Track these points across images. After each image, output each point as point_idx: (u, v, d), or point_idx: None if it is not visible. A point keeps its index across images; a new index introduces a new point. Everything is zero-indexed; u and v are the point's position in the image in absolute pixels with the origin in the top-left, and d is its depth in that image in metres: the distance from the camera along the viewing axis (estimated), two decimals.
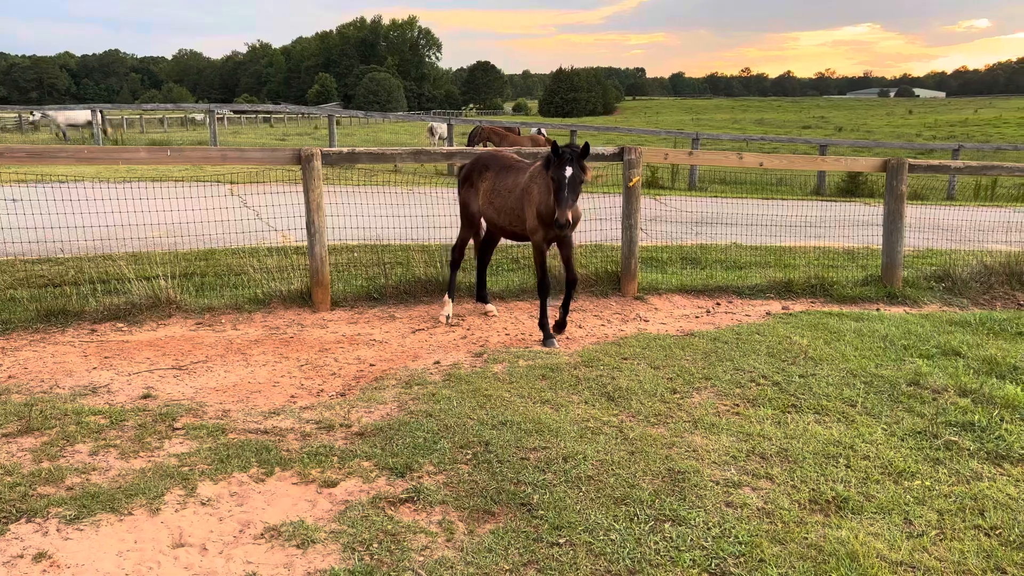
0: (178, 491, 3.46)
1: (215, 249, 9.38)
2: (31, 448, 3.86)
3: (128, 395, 4.77)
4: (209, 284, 7.83)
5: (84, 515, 3.22)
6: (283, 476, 3.66)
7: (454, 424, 4.25)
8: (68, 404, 4.47)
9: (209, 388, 4.97)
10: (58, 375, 5.11)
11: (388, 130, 52.74)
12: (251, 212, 11.87)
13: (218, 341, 6.01)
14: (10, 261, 8.09)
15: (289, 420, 4.37)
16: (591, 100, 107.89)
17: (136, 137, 35.08)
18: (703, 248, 9.92)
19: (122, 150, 6.84)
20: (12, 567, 2.87)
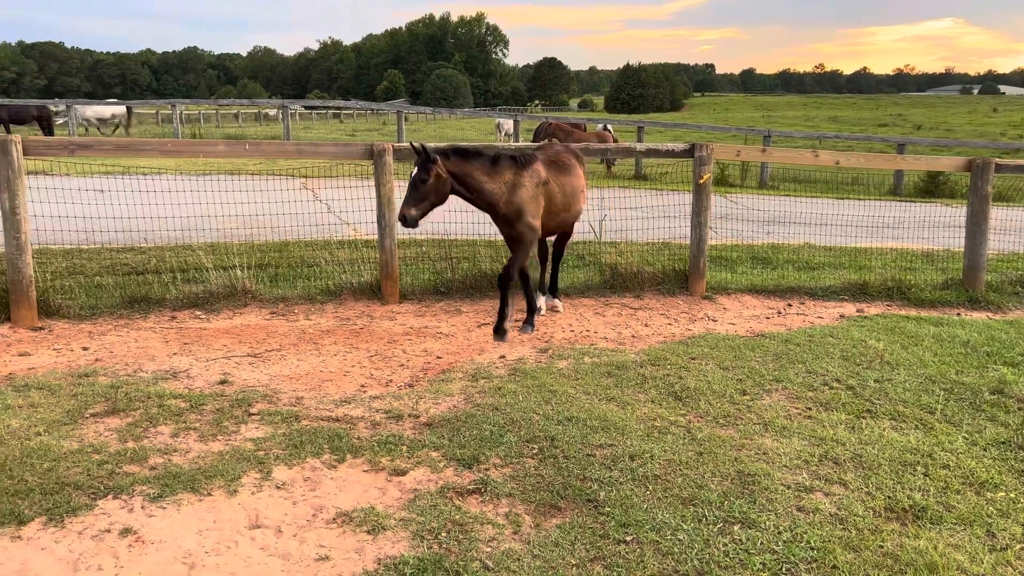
0: (254, 474, 3.58)
1: (288, 241, 9.62)
2: (117, 428, 4.04)
3: (206, 380, 4.94)
4: (283, 275, 8.04)
5: (166, 494, 3.35)
6: (354, 463, 3.74)
7: (520, 418, 4.27)
8: (151, 387, 4.66)
9: (283, 376, 5.10)
10: (141, 359, 5.32)
11: (454, 126, 53.18)
12: (323, 206, 12.14)
13: (291, 330, 6.17)
14: (97, 249, 8.46)
15: (359, 409, 4.46)
16: (658, 96, 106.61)
17: (212, 131, 36.24)
18: (774, 248, 9.71)
19: (202, 143, 7.07)
20: (100, 541, 3.01)
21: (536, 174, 6.16)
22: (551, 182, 6.23)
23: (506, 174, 6.05)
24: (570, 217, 6.52)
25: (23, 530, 3.04)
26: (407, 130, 25.25)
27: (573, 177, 6.45)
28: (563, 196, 6.30)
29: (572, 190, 6.39)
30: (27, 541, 2.98)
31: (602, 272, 7.81)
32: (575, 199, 6.45)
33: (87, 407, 4.28)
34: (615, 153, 8.11)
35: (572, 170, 6.48)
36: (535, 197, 6.12)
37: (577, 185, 6.47)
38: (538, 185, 6.14)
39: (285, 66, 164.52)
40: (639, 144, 8.34)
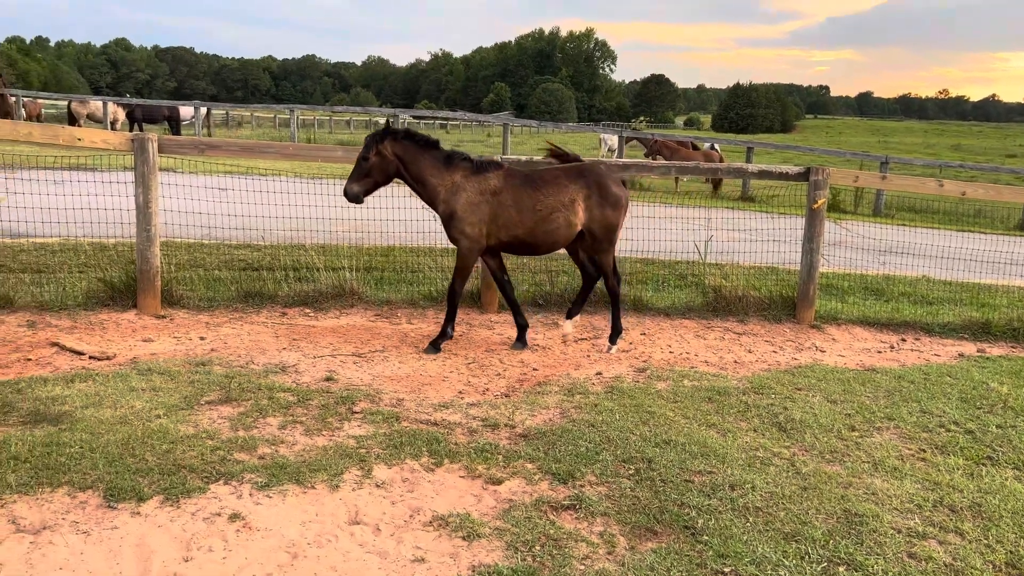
0: (355, 471, 3.67)
1: (394, 247, 9.87)
2: (229, 417, 4.23)
3: (313, 376, 5.11)
4: (388, 279, 8.25)
5: (273, 483, 3.48)
6: (451, 468, 3.79)
7: (616, 437, 4.23)
8: (261, 380, 4.86)
9: (385, 376, 5.23)
10: (253, 352, 5.56)
11: (557, 140, 53.09)
12: (428, 213, 12.41)
13: (394, 333, 6.32)
14: (217, 244, 8.91)
15: (457, 415, 4.52)
16: (768, 117, 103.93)
17: (325, 137, 37.65)
18: (888, 279, 9.28)
19: (320, 148, 7.37)
20: (211, 523, 3.16)
21: (486, 182, 5.85)
22: (505, 193, 5.82)
23: (455, 175, 5.85)
24: (540, 237, 5.92)
25: (142, 507, 3.22)
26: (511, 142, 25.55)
27: (548, 196, 5.86)
28: (518, 211, 5.81)
29: (543, 209, 5.83)
30: (145, 518, 3.16)
31: (705, 294, 7.65)
32: (547, 220, 5.84)
33: (203, 394, 4.50)
34: (725, 173, 7.95)
35: (553, 191, 5.89)
36: (477, 205, 5.80)
37: (552, 205, 5.85)
38: (484, 193, 5.82)
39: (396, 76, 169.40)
40: (751, 165, 8.15)
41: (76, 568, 2.82)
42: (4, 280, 6.68)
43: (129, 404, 4.23)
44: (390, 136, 5.82)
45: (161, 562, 2.88)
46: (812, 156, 25.31)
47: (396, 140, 5.82)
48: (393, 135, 5.83)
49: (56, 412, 4.05)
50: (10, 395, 4.24)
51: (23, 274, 7.14)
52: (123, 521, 3.12)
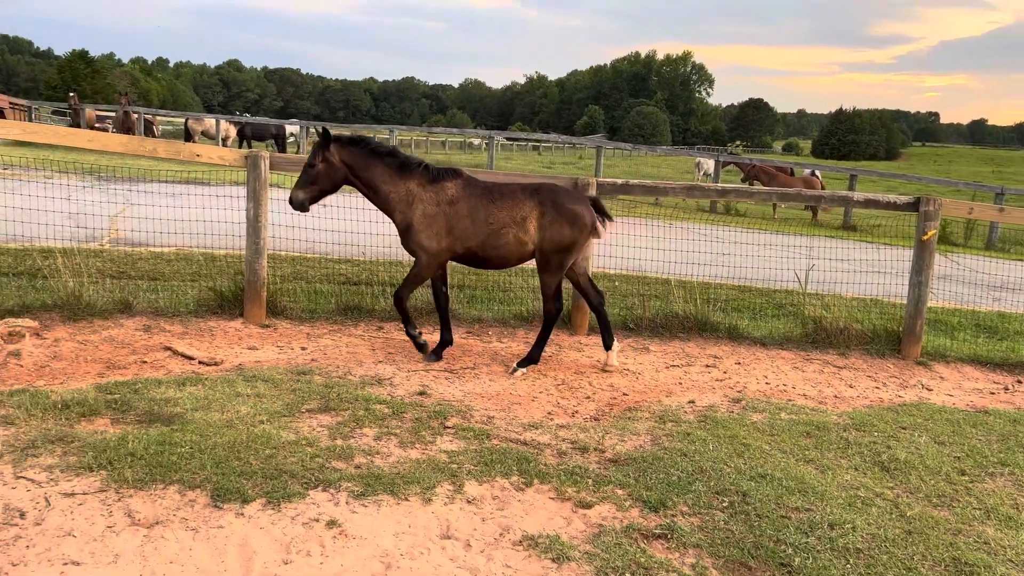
0: (447, 486, 3.73)
1: None
2: (328, 425, 4.36)
3: (407, 390, 5.22)
4: (479, 297, 8.36)
5: (368, 493, 3.57)
6: (541, 489, 3.79)
7: (710, 468, 4.14)
8: (358, 391, 5.00)
9: (475, 393, 5.29)
10: (351, 363, 5.73)
11: (650, 163, 52.98)
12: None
13: (485, 350, 6.39)
14: (318, 258, 9.24)
15: (546, 436, 4.52)
16: (873, 144, 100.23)
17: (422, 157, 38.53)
18: (1003, 316, 8.78)
19: None
20: (310, 528, 3.26)
21: (443, 192, 5.73)
22: (461, 203, 5.71)
23: (410, 183, 5.73)
24: (490, 252, 5.78)
25: (246, 508, 3.36)
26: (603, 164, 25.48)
27: (502, 211, 5.70)
28: (472, 223, 5.69)
29: (495, 223, 5.69)
30: (248, 519, 3.29)
31: (804, 325, 7.42)
32: (497, 234, 5.70)
33: (303, 402, 4.67)
34: (829, 201, 7.72)
35: (508, 205, 5.72)
36: (434, 217, 5.69)
37: (504, 220, 5.69)
38: (440, 204, 5.71)
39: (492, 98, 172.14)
40: (856, 193, 7.88)
41: (185, 563, 2.96)
42: (124, 286, 7.11)
43: (235, 409, 4.43)
44: (336, 142, 5.70)
45: (263, 563, 3.00)
46: (919, 185, 24.30)
47: (343, 146, 5.71)
48: (338, 141, 5.71)
49: (169, 413, 4.28)
50: (128, 395, 4.50)
51: (140, 281, 7.58)
52: (228, 521, 3.26)
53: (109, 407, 4.30)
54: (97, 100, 44.73)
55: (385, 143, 5.93)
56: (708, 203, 19.35)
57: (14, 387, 4.64)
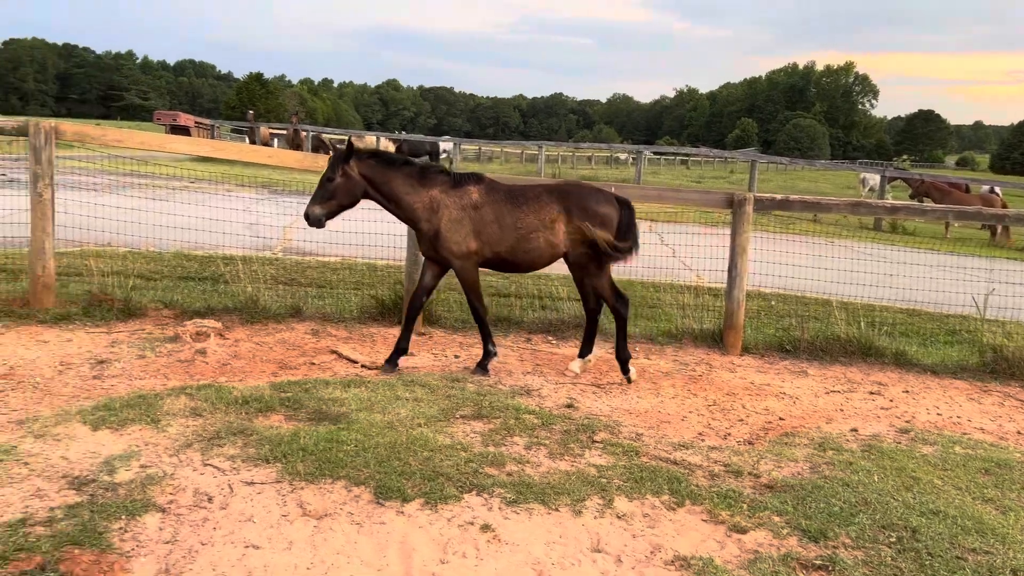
0: (597, 499, 3.74)
1: (633, 280, 9.94)
2: (480, 432, 4.49)
3: (555, 402, 5.28)
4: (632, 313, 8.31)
5: (520, 500, 3.65)
6: (692, 510, 3.73)
7: (875, 500, 3.91)
8: (508, 400, 5.11)
9: (623, 409, 5.27)
10: (500, 373, 5.86)
11: (806, 178, 50.69)
12: (668, 249, 12.34)
13: (632, 367, 6.34)
14: None
15: (697, 457, 4.43)
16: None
17: (568, 172, 38.85)
18: None
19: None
20: (465, 531, 3.37)
21: (467, 196, 5.64)
22: (486, 208, 5.63)
23: (432, 190, 5.62)
24: (521, 257, 5.73)
25: (406, 507, 3.52)
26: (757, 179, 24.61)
27: (529, 215, 5.65)
28: (500, 229, 5.62)
29: (523, 227, 5.64)
30: (408, 517, 3.45)
31: (982, 353, 6.87)
32: (527, 239, 5.65)
33: (458, 408, 4.83)
34: (1014, 220, 7.11)
35: (534, 209, 5.67)
36: (460, 221, 5.59)
37: (533, 224, 5.64)
38: (464, 208, 5.61)
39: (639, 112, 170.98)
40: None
41: (350, 555, 3.14)
42: (295, 293, 7.63)
43: (395, 411, 4.64)
44: (355, 156, 5.59)
45: (421, 561, 3.13)
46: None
47: (361, 160, 5.60)
48: (358, 155, 5.60)
49: (336, 412, 4.55)
50: (300, 393, 4.83)
51: (309, 288, 8.11)
52: (389, 518, 3.42)
53: (283, 404, 4.63)
54: (270, 119, 48.29)
55: (398, 155, 5.87)
56: (872, 220, 18.29)
57: (201, 382, 5.09)
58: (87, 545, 2.98)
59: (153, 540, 3.10)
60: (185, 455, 3.86)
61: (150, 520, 3.23)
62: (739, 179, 39.26)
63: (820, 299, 8.69)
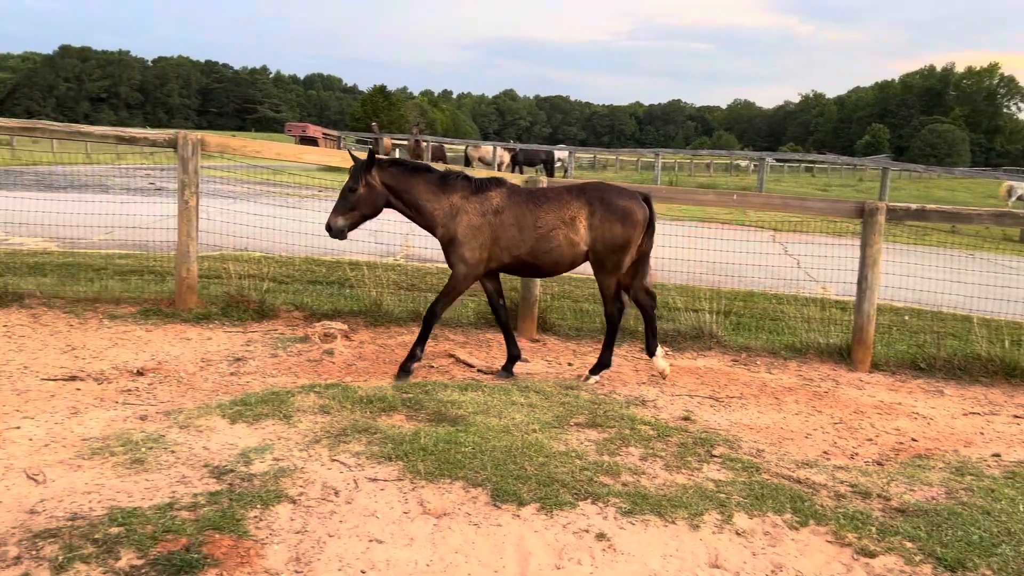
0: (715, 514, 3.66)
1: (754, 292, 9.68)
2: (595, 441, 4.49)
3: (670, 414, 5.21)
4: (745, 324, 8.10)
5: (636, 511, 3.62)
6: (816, 530, 3.59)
7: (1020, 532, 3.65)
8: (623, 410, 5.08)
9: (742, 424, 5.14)
10: (615, 382, 5.84)
11: (942, 186, 47.65)
12: (791, 260, 11.93)
13: (752, 381, 6.17)
14: (584, 278, 9.52)
15: (822, 476, 4.26)
16: None
17: (685, 180, 38.17)
18: None
19: (693, 192, 7.55)
20: (580, 538, 3.38)
21: (488, 201, 5.55)
22: (506, 212, 5.54)
23: (453, 196, 5.55)
24: (542, 257, 5.60)
25: (521, 511, 3.56)
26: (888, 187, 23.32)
27: (549, 213, 5.56)
28: (519, 231, 5.54)
29: (543, 226, 5.55)
30: (524, 521, 3.49)
31: None
32: (546, 238, 5.55)
33: (572, 416, 4.84)
34: None
35: (554, 207, 5.59)
36: (479, 228, 5.51)
37: (552, 222, 5.55)
38: (485, 214, 5.52)
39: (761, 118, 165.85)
40: None
41: (468, 555, 3.21)
42: (415, 298, 7.87)
43: (511, 416, 4.71)
44: (377, 165, 5.54)
45: (537, 565, 3.16)
46: None
47: (383, 169, 5.57)
48: (379, 164, 5.56)
49: (454, 414, 4.66)
50: (420, 395, 4.98)
51: (428, 293, 8.33)
52: (506, 520, 3.48)
53: (404, 405, 4.79)
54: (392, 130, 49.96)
55: (419, 162, 5.79)
56: (1018, 232, 17.04)
57: (328, 380, 5.34)
58: (226, 530, 3.18)
59: (285, 529, 3.28)
60: (314, 450, 4.05)
61: (282, 510, 3.42)
62: (868, 187, 37.41)
63: (958, 315, 8.17)
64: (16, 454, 3.88)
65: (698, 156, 50.69)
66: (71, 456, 3.85)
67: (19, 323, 6.35)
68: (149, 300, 7.15)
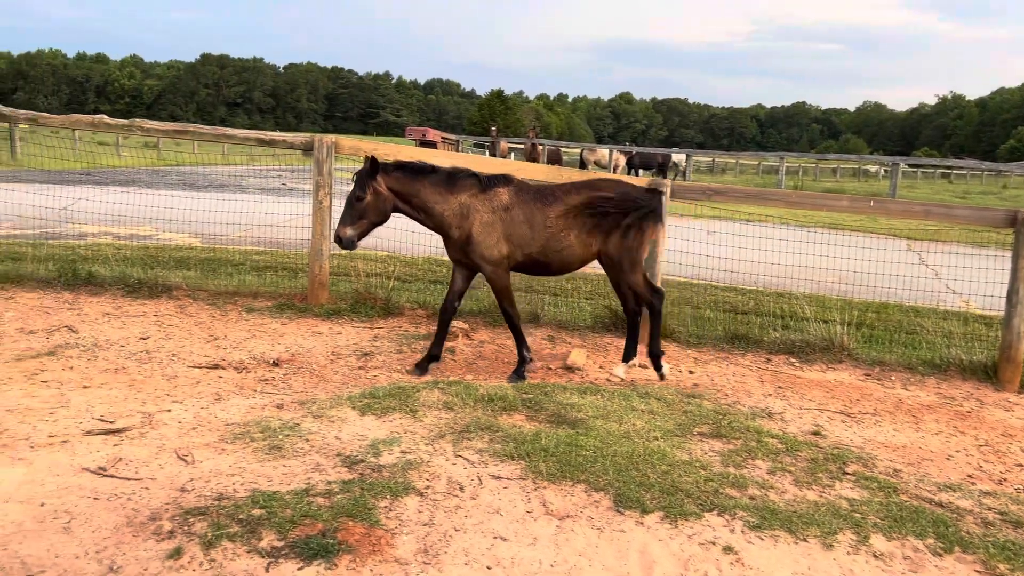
0: (850, 534, 3.50)
1: (887, 303, 9.19)
2: (719, 451, 4.38)
3: (799, 427, 5.01)
4: (877, 337, 7.70)
5: (764, 526, 3.51)
6: (963, 558, 3.37)
7: None
8: (749, 421, 4.93)
9: (877, 442, 4.88)
10: (739, 393, 5.67)
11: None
12: (929, 271, 11.26)
13: (887, 397, 5.86)
14: (704, 285, 9.33)
15: (967, 501, 4.00)
16: None
17: (810, 184, 36.67)
18: None
19: (825, 197, 7.22)
20: (706, 550, 3.30)
21: (497, 198, 5.52)
22: (516, 209, 5.51)
23: (461, 195, 5.49)
24: (552, 257, 5.60)
25: (645, 518, 3.52)
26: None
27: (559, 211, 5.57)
28: (530, 228, 5.52)
29: (553, 225, 5.54)
30: (648, 529, 3.44)
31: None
32: (557, 237, 5.54)
33: (694, 425, 4.74)
34: None
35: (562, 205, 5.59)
36: (491, 224, 5.48)
37: (562, 221, 5.56)
38: (495, 211, 5.49)
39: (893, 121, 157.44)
40: None
41: (592, 558, 3.20)
42: (532, 300, 7.91)
43: (631, 422, 4.66)
44: (382, 170, 5.42)
45: (662, 574, 3.11)
46: None
47: (389, 174, 5.44)
48: (384, 169, 5.44)
49: (573, 417, 4.66)
50: (539, 396, 5.00)
51: (544, 295, 8.38)
52: (629, 527, 3.45)
53: (524, 405, 4.82)
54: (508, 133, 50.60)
55: (423, 162, 5.65)
56: None
57: (451, 378, 5.45)
58: (359, 518, 3.30)
59: (413, 521, 3.37)
60: (439, 445, 4.14)
61: (410, 502, 3.51)
62: (1012, 195, 34.79)
63: None
64: (167, 435, 4.16)
65: (824, 160, 48.59)
66: (215, 439, 4.10)
67: (167, 313, 6.82)
68: (283, 295, 7.53)
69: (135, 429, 4.21)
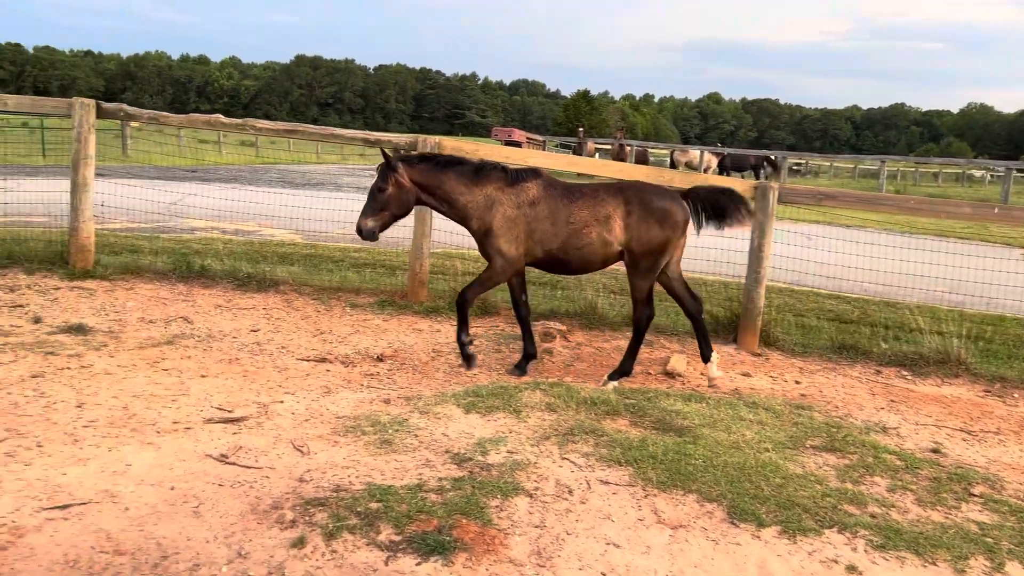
0: (983, 560, 3.31)
1: (1004, 316, 8.70)
2: (834, 466, 4.22)
3: (916, 444, 4.79)
4: (995, 352, 7.29)
5: (888, 546, 3.36)
6: None
7: None
8: (863, 436, 4.74)
9: (1003, 463, 4.62)
10: (850, 405, 5.46)
11: None
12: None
13: (1010, 415, 5.54)
14: (806, 292, 9.04)
15: None
16: None
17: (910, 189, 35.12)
18: None
19: (944, 203, 6.90)
20: (828, 568, 3.19)
21: (524, 192, 5.43)
22: (541, 204, 5.42)
23: (487, 187, 5.44)
24: (572, 253, 5.45)
25: (761, 532, 3.42)
26: None
27: (583, 209, 5.42)
28: (552, 224, 5.41)
29: (576, 221, 5.41)
30: (764, 543, 3.35)
31: None
32: (578, 234, 5.40)
33: (806, 437, 4.59)
34: None
35: (589, 203, 5.43)
36: (514, 220, 5.41)
37: (586, 218, 5.40)
38: (521, 206, 5.41)
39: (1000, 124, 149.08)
40: None
41: (708, 570, 3.13)
42: (625, 302, 7.78)
43: (740, 432, 4.54)
44: (404, 162, 5.41)
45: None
46: None
47: (411, 165, 5.43)
48: (406, 160, 5.44)
49: (679, 425, 4.57)
50: (642, 401, 4.93)
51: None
52: (744, 540, 3.35)
53: (627, 410, 4.77)
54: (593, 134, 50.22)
55: (450, 155, 5.63)
56: None
57: (550, 379, 5.43)
58: (472, 516, 3.32)
59: (524, 522, 3.37)
60: (544, 446, 4.14)
61: (520, 503, 3.51)
62: None
63: None
64: (283, 426, 4.29)
65: (924, 164, 46.42)
66: (328, 432, 4.21)
67: (275, 307, 7.05)
68: (384, 292, 7.68)
69: (252, 419, 4.36)
